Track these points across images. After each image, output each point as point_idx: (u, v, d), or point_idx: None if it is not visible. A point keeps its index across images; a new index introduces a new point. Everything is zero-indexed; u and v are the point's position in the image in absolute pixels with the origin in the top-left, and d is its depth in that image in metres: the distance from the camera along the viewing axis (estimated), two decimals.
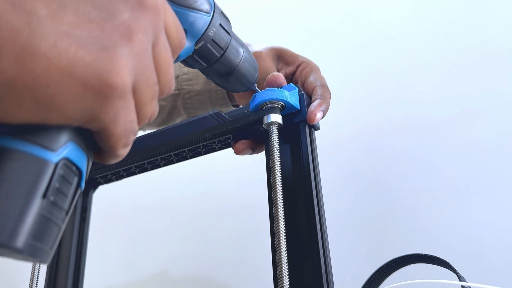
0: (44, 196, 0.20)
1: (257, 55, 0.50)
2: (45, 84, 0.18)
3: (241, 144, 0.48)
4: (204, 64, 0.39)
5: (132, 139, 0.23)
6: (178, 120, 0.62)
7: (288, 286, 0.36)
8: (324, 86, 0.48)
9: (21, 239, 0.19)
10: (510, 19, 0.75)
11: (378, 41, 0.85)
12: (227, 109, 0.58)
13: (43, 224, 0.20)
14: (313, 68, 0.51)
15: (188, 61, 0.38)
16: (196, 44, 0.36)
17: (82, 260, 0.58)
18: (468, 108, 0.72)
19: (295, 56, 0.53)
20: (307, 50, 0.56)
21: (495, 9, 0.77)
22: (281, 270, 0.36)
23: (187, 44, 0.35)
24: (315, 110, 0.44)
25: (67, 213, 0.22)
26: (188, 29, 0.35)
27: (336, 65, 0.85)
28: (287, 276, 0.36)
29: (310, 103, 0.46)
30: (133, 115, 0.22)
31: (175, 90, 0.60)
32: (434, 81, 0.76)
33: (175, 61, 0.32)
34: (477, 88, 0.72)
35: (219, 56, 0.38)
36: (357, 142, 0.78)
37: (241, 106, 0.55)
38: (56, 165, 0.21)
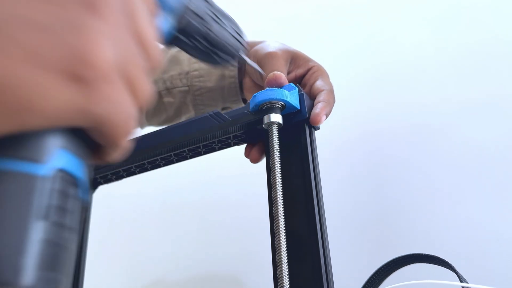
0: (44, 217, 0.17)
1: (272, 55, 0.51)
2: (14, 84, 0.15)
3: (255, 153, 0.48)
4: (189, 42, 0.36)
5: (132, 124, 0.20)
6: (184, 118, 0.62)
7: (288, 286, 0.36)
8: (330, 92, 0.49)
9: (29, 273, 0.15)
10: (506, 25, 0.75)
11: (379, 47, 0.85)
12: (238, 105, 0.58)
13: (51, 249, 0.17)
14: (323, 73, 0.52)
15: (173, 42, 0.36)
16: (178, 21, 0.34)
17: (82, 261, 0.58)
18: (467, 111, 0.72)
19: (307, 60, 0.54)
20: (309, 54, 0.56)
21: (492, 17, 0.77)
22: (281, 270, 0.36)
23: (169, 22, 0.33)
24: (321, 113, 0.44)
25: (75, 231, 0.19)
26: (168, 4, 0.32)
27: (338, 69, 0.85)
28: (287, 276, 0.36)
29: (311, 104, 0.46)
30: (125, 97, 0.19)
31: (184, 86, 0.59)
32: (433, 88, 0.77)
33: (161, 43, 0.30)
34: (475, 94, 0.73)
35: (203, 30, 0.36)
36: (358, 143, 0.78)
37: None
38: (50, 179, 0.17)
